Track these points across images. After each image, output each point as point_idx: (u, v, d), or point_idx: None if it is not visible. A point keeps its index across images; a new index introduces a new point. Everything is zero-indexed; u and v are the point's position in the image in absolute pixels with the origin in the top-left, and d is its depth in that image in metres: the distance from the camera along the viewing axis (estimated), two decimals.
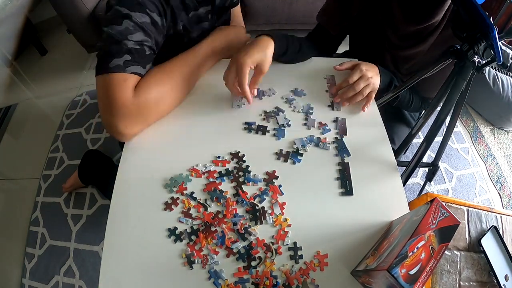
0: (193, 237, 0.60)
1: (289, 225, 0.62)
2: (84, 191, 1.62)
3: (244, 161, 0.69)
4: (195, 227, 0.61)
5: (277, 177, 0.67)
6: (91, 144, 1.79)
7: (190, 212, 0.63)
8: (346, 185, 0.67)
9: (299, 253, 0.59)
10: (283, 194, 0.65)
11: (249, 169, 0.68)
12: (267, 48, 0.75)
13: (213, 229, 0.61)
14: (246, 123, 0.76)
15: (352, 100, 0.79)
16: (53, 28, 2.40)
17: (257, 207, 0.63)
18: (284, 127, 0.76)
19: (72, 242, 1.47)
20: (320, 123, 0.77)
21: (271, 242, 0.60)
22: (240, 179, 0.67)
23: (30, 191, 1.66)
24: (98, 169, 1.53)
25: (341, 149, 0.72)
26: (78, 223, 1.52)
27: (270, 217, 0.62)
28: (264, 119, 0.78)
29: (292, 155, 0.71)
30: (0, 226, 1.58)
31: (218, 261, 0.58)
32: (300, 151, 0.72)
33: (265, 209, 0.63)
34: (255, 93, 0.81)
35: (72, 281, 1.37)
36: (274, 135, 0.75)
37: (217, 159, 0.70)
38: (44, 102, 2.09)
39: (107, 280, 0.57)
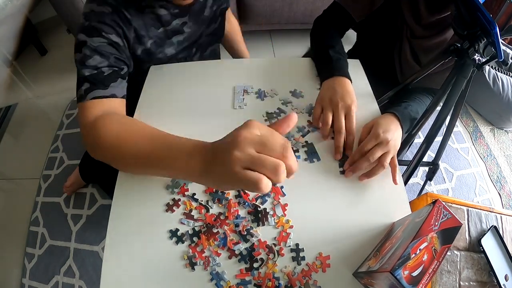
0: (195, 239, 0.60)
1: (291, 227, 0.61)
2: (84, 191, 1.62)
3: None
4: (196, 229, 0.61)
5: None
6: None
7: (192, 213, 0.63)
8: (343, 165, 0.69)
9: (301, 254, 0.59)
10: (285, 195, 0.65)
11: None
12: (348, 84, 0.78)
13: (215, 230, 0.61)
14: None
15: (370, 174, 0.67)
16: (53, 28, 2.39)
17: (259, 209, 0.63)
18: None
19: (72, 242, 1.47)
20: (308, 121, 0.77)
21: (273, 244, 0.60)
22: None
23: (30, 191, 1.66)
24: (99, 166, 1.53)
25: (310, 154, 0.72)
26: (78, 223, 1.53)
27: (272, 218, 0.62)
28: (266, 120, 0.78)
29: None
30: (0, 226, 1.58)
31: (220, 263, 0.58)
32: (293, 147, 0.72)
33: (267, 210, 0.63)
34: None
35: (72, 281, 1.37)
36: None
37: None
38: (44, 102, 2.09)
39: (109, 281, 0.57)
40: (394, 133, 0.70)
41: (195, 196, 0.65)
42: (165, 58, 0.89)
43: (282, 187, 0.66)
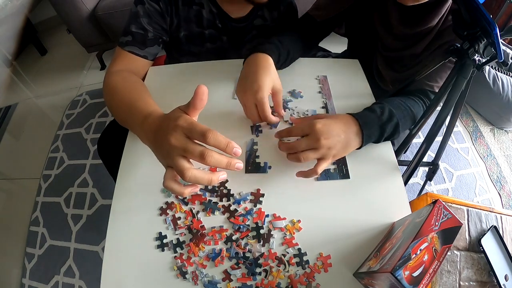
0: (178, 249, 0.59)
1: (294, 233, 0.61)
2: (84, 191, 1.62)
3: (226, 187, 0.67)
4: (180, 239, 0.60)
5: (263, 195, 0.65)
6: (91, 144, 1.79)
7: (179, 220, 0.63)
8: (342, 169, 0.69)
9: (304, 258, 0.58)
10: (268, 216, 0.63)
11: (231, 192, 0.66)
12: (270, 67, 0.71)
13: (201, 235, 0.60)
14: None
15: (303, 175, 0.65)
16: (53, 28, 2.40)
17: (261, 231, 0.61)
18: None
19: (72, 242, 1.47)
20: None
21: (283, 255, 0.59)
22: (231, 208, 0.64)
23: (30, 191, 1.66)
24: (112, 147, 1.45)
25: None
26: (78, 223, 1.53)
27: (274, 240, 0.61)
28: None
29: None
30: (0, 226, 1.59)
31: (208, 274, 0.57)
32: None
33: (271, 232, 0.61)
34: (283, 113, 0.73)
35: (72, 281, 1.37)
36: (267, 123, 0.75)
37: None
38: (44, 102, 2.09)
39: (109, 281, 0.57)
40: (339, 142, 0.63)
41: (185, 199, 0.65)
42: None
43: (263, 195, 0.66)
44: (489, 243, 0.69)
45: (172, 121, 0.51)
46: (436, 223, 0.47)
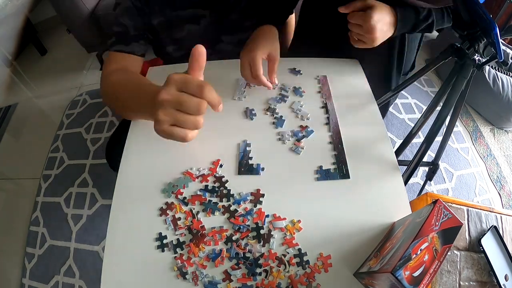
0: (178, 250, 0.59)
1: (295, 232, 0.61)
2: (84, 191, 1.62)
3: (226, 187, 0.67)
4: (181, 240, 0.60)
5: (263, 195, 0.65)
6: (91, 144, 1.79)
7: (179, 217, 0.62)
8: (342, 169, 0.68)
9: (305, 258, 0.58)
10: (268, 216, 0.63)
11: (231, 192, 0.66)
12: (273, 35, 0.79)
13: (201, 235, 0.60)
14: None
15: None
16: (53, 28, 2.40)
17: (261, 231, 0.61)
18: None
19: (72, 242, 1.47)
20: (301, 126, 0.76)
21: (283, 255, 0.59)
22: (231, 208, 0.64)
23: (30, 191, 1.66)
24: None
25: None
26: (78, 223, 1.53)
27: (274, 240, 0.60)
28: (270, 113, 0.78)
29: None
30: (0, 226, 1.59)
31: (208, 274, 0.57)
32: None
33: (271, 232, 0.61)
34: (276, 81, 0.80)
35: (72, 281, 1.37)
36: (273, 123, 0.76)
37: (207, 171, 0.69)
38: (44, 102, 2.09)
39: (109, 281, 0.57)
40: (383, 31, 0.71)
41: (185, 200, 0.64)
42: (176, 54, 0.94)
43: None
44: (489, 243, 0.69)
45: (167, 80, 0.52)
46: (437, 223, 0.47)
